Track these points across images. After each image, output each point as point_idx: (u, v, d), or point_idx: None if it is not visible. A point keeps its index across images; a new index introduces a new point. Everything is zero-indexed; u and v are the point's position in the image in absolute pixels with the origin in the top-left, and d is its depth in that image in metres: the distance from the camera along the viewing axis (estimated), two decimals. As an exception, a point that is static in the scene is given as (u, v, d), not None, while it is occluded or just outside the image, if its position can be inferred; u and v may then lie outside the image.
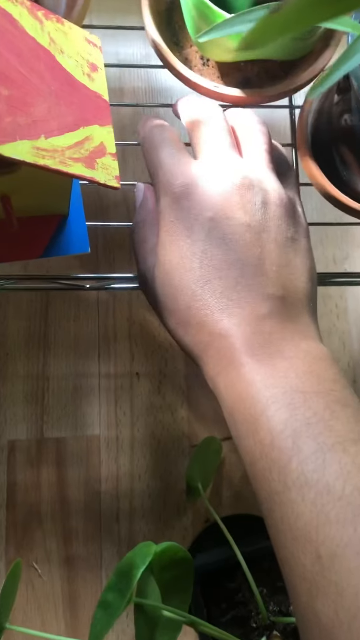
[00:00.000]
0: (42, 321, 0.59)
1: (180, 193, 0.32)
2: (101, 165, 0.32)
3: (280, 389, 0.28)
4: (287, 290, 0.31)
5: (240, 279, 0.30)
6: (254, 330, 0.30)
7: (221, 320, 0.30)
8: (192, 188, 0.32)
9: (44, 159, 0.29)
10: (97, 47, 0.35)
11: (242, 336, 0.30)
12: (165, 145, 0.34)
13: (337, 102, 0.38)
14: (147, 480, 0.57)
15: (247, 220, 0.31)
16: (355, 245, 0.64)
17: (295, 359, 0.29)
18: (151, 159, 0.35)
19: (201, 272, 0.31)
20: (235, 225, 0.31)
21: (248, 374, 0.29)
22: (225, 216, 0.31)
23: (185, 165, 0.33)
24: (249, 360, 0.29)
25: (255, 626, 0.46)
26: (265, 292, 0.30)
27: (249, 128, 0.35)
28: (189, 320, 0.31)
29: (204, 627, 0.32)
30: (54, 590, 0.55)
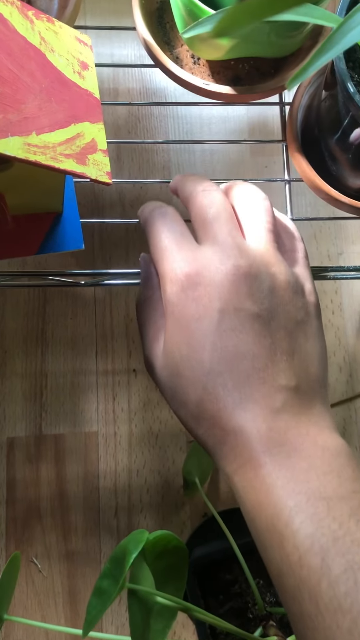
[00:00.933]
0: (40, 319, 0.60)
1: (187, 283, 0.31)
2: (92, 161, 0.33)
3: (303, 495, 0.27)
4: (299, 379, 0.30)
5: (252, 372, 0.29)
6: (269, 427, 0.29)
7: (235, 415, 0.29)
8: (198, 278, 0.31)
9: (35, 155, 0.30)
10: (88, 46, 0.36)
11: (257, 433, 0.29)
12: (168, 229, 0.33)
13: (325, 98, 0.38)
14: (145, 476, 0.58)
15: (256, 309, 0.30)
16: (349, 241, 0.65)
17: (314, 458, 0.28)
18: (154, 245, 0.33)
19: (211, 365, 0.30)
20: (245, 316, 0.30)
21: (267, 478, 0.28)
22: (234, 307, 0.30)
23: (189, 252, 0.32)
24: (267, 461, 0.28)
25: (252, 617, 0.46)
26: (278, 383, 0.30)
27: (250, 205, 0.34)
28: (200, 414, 0.30)
29: (198, 613, 0.32)
30: (54, 585, 0.55)
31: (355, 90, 0.33)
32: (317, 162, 0.42)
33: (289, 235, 0.36)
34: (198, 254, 0.31)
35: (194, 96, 0.44)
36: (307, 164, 0.42)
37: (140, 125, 0.64)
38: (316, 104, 0.41)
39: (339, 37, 0.21)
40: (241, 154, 0.64)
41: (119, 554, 0.30)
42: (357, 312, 0.63)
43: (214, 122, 0.65)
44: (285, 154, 0.45)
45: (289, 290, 0.32)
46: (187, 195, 0.34)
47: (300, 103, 0.43)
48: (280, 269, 0.32)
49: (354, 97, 0.32)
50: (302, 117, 0.43)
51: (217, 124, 0.65)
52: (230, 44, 0.39)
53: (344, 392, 0.62)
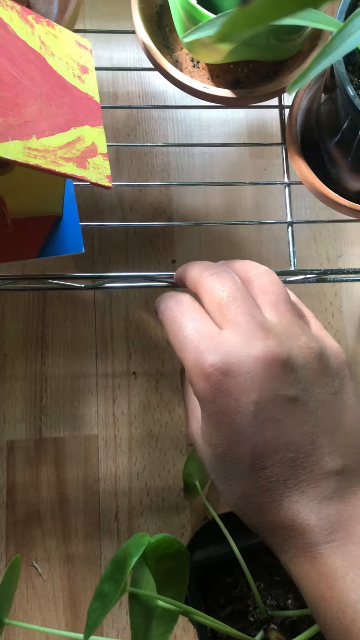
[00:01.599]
0: (39, 322, 0.60)
1: (215, 376, 0.28)
2: (92, 164, 0.33)
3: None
4: (345, 457, 0.29)
5: (296, 462, 0.28)
6: (319, 516, 0.28)
7: (282, 508, 0.28)
8: (226, 367, 0.28)
9: (35, 159, 0.30)
10: (88, 50, 0.36)
11: (308, 525, 0.28)
12: (186, 318, 0.31)
13: (324, 101, 0.39)
14: (145, 479, 0.58)
15: (293, 393, 0.28)
16: (349, 244, 0.65)
17: None
18: (174, 337, 0.31)
19: (252, 461, 0.28)
20: (282, 403, 0.28)
21: (325, 569, 0.27)
22: (270, 396, 0.28)
23: (212, 339, 0.29)
24: (322, 552, 0.27)
25: (253, 620, 0.46)
26: (325, 469, 0.28)
27: (260, 279, 0.32)
28: (245, 507, 0.29)
29: (199, 617, 0.32)
30: (54, 589, 0.55)
31: (354, 93, 0.33)
32: (316, 165, 0.42)
33: (296, 303, 0.34)
34: (221, 340, 0.29)
35: (194, 99, 0.44)
36: (307, 166, 0.42)
37: (139, 129, 0.64)
38: (315, 107, 0.41)
39: (339, 41, 0.21)
40: (240, 157, 0.64)
41: (120, 558, 0.30)
42: (356, 315, 0.63)
43: (213, 125, 0.65)
44: (285, 156, 0.45)
45: (321, 359, 0.30)
46: (195, 282, 0.33)
47: (299, 106, 0.43)
48: (308, 339, 0.30)
49: (354, 101, 0.33)
50: (302, 120, 0.43)
51: (217, 127, 0.65)
52: (230, 48, 0.39)
53: (344, 394, 0.62)
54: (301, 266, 0.62)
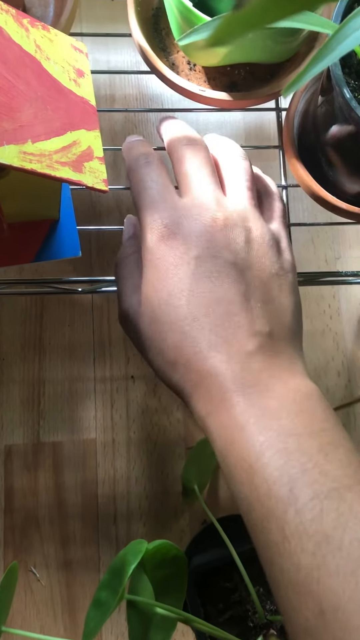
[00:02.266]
0: (37, 326, 0.59)
1: (166, 232, 0.32)
2: (89, 168, 0.33)
3: (273, 432, 0.27)
4: (273, 325, 0.31)
5: (227, 316, 0.30)
6: (242, 368, 0.30)
7: (210, 357, 0.30)
8: (177, 227, 0.32)
9: (31, 163, 0.29)
10: (84, 54, 0.36)
11: (231, 374, 0.29)
12: (151, 179, 0.34)
13: (321, 103, 0.38)
14: (143, 483, 0.57)
15: (232, 258, 0.31)
16: (347, 246, 0.65)
17: (285, 398, 0.29)
18: (137, 191, 0.34)
19: (189, 309, 0.31)
20: (221, 263, 0.31)
21: (240, 416, 0.28)
22: (210, 255, 0.31)
23: (170, 203, 0.33)
24: (240, 401, 0.29)
25: (252, 625, 0.46)
26: (252, 328, 0.31)
27: (231, 163, 0.35)
28: (177, 358, 0.31)
29: (197, 624, 0.32)
30: (53, 595, 0.55)
31: (351, 95, 0.33)
32: (313, 167, 0.42)
33: (268, 194, 0.37)
34: (179, 205, 0.33)
35: (191, 102, 0.44)
36: (304, 169, 0.41)
37: (136, 132, 0.64)
38: (312, 110, 0.41)
39: (335, 44, 0.21)
40: (238, 160, 0.64)
41: (118, 565, 0.29)
42: (355, 317, 0.63)
43: (211, 128, 0.65)
44: (282, 159, 0.45)
45: (265, 244, 0.33)
46: (170, 146, 0.35)
47: (296, 109, 0.43)
48: (256, 225, 0.33)
49: (350, 103, 0.32)
50: (299, 122, 0.43)
51: (214, 130, 0.65)
52: (226, 50, 0.39)
53: (343, 397, 0.62)
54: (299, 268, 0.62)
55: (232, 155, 0.36)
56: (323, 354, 0.62)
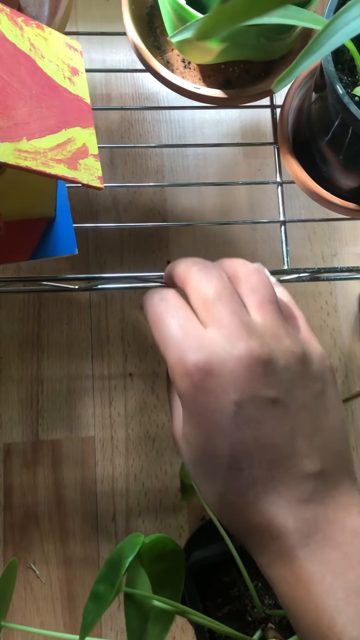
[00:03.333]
0: (35, 324, 0.60)
1: (197, 375, 0.28)
2: (84, 166, 0.33)
3: (341, 592, 0.26)
4: (324, 461, 0.29)
5: (274, 463, 0.28)
6: (296, 518, 0.28)
7: (259, 510, 0.28)
8: (208, 367, 0.28)
9: (26, 161, 0.30)
10: (78, 52, 0.36)
11: (285, 527, 0.28)
12: (170, 315, 0.31)
13: (315, 100, 0.39)
14: (142, 480, 0.58)
15: (274, 394, 0.28)
16: (343, 243, 0.65)
17: (346, 545, 0.28)
18: (158, 334, 0.31)
19: (231, 460, 0.28)
20: (262, 404, 0.28)
21: (303, 573, 0.27)
22: (251, 396, 0.28)
23: (196, 338, 0.29)
24: (299, 555, 0.27)
25: (251, 620, 0.46)
26: (303, 471, 0.28)
27: (248, 279, 0.32)
28: (222, 507, 0.29)
29: (195, 616, 0.32)
30: (53, 591, 0.55)
31: (344, 91, 0.33)
32: (308, 163, 0.42)
33: (286, 304, 0.34)
34: (205, 340, 0.29)
35: (186, 100, 0.44)
36: (299, 165, 0.42)
37: (133, 130, 0.65)
38: (306, 106, 0.41)
39: (325, 39, 0.21)
40: (234, 157, 0.64)
41: (115, 558, 0.30)
42: (351, 313, 0.63)
43: (207, 126, 0.65)
44: (277, 156, 0.45)
45: (304, 362, 0.30)
46: (182, 278, 0.32)
47: (290, 105, 0.43)
48: (292, 341, 0.30)
49: (343, 99, 0.33)
50: (293, 119, 0.43)
51: (210, 128, 0.65)
52: (220, 48, 0.39)
53: (340, 392, 0.62)
54: (296, 265, 0.63)
55: (247, 270, 0.32)
56: (320, 350, 0.62)
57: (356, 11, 0.22)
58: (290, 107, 0.43)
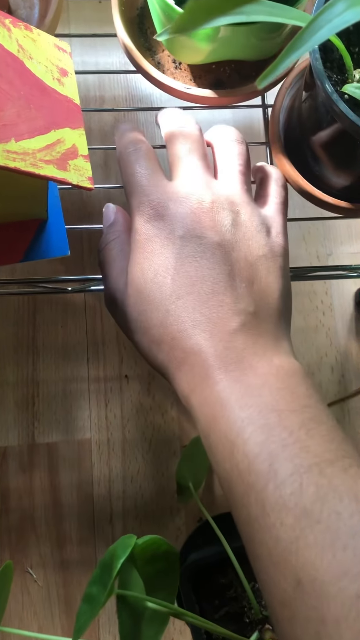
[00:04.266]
0: (30, 327, 0.59)
1: (154, 213, 0.33)
2: (73, 166, 0.33)
3: (255, 408, 0.27)
4: (258, 306, 0.32)
5: (211, 295, 0.31)
6: (226, 346, 0.30)
7: (194, 335, 0.30)
8: (165, 208, 0.33)
9: (14, 162, 0.30)
10: (67, 53, 0.36)
11: (214, 352, 0.30)
12: (141, 163, 0.35)
13: (305, 99, 0.39)
14: (139, 482, 0.58)
15: (217, 239, 0.32)
16: (338, 242, 0.65)
17: (268, 375, 0.29)
18: (127, 177, 0.35)
19: (173, 287, 0.31)
20: (206, 244, 0.32)
21: (222, 393, 0.29)
22: (195, 235, 0.32)
23: (159, 186, 0.34)
24: (223, 378, 0.29)
25: (248, 621, 0.46)
26: (236, 307, 0.31)
27: (225, 147, 0.36)
28: (162, 337, 0.31)
29: (189, 617, 0.32)
30: (50, 595, 0.55)
31: (333, 89, 0.33)
32: (300, 162, 0.42)
33: (266, 180, 0.37)
34: (167, 188, 0.33)
35: (179, 101, 0.44)
36: (291, 165, 0.42)
37: (126, 132, 0.64)
38: (297, 105, 0.41)
39: (308, 35, 0.21)
40: (228, 158, 0.64)
41: (108, 560, 0.30)
42: (347, 312, 0.63)
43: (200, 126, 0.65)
44: (269, 155, 0.45)
45: (252, 228, 0.33)
46: (166, 131, 0.36)
47: (282, 105, 0.43)
48: (245, 209, 0.33)
49: (332, 97, 0.33)
50: (284, 118, 0.43)
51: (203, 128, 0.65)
52: (210, 48, 0.39)
53: (337, 392, 0.62)
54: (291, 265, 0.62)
55: (226, 140, 0.36)
56: (316, 350, 0.62)
57: (340, 7, 0.22)
58: (282, 106, 0.43)
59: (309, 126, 0.39)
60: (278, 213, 0.36)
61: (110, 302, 0.35)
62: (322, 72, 0.33)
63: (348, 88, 0.33)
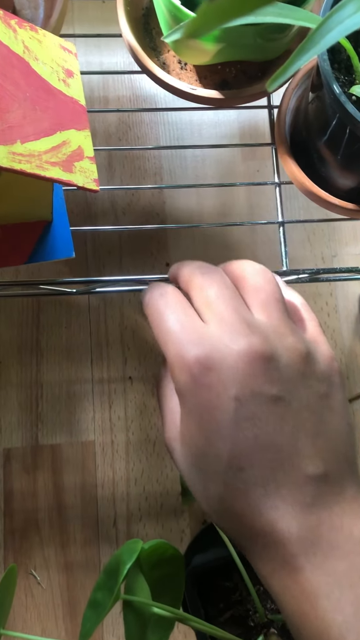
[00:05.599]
0: (34, 329, 0.59)
1: (197, 369, 0.28)
2: (79, 168, 0.33)
3: (349, 607, 0.25)
4: (328, 463, 0.28)
5: (275, 464, 0.27)
6: (300, 524, 0.27)
7: (262, 514, 0.27)
8: (208, 362, 0.28)
9: (20, 164, 0.29)
10: (73, 54, 0.36)
11: (288, 533, 0.26)
12: (170, 309, 0.30)
13: (312, 100, 0.38)
14: (143, 484, 0.57)
15: (275, 391, 0.27)
16: (343, 243, 0.64)
17: (353, 554, 0.26)
18: (157, 328, 0.30)
19: (230, 460, 0.27)
20: (264, 401, 0.27)
21: (308, 585, 0.26)
22: (252, 392, 0.27)
23: (196, 333, 0.28)
24: (304, 565, 0.26)
25: (253, 625, 0.46)
26: (306, 473, 0.27)
27: (252, 279, 0.31)
28: (223, 511, 0.28)
29: (194, 623, 0.32)
30: (54, 597, 0.55)
31: (340, 91, 0.33)
32: (306, 164, 0.42)
33: (301, 307, 0.34)
34: (205, 334, 0.28)
35: (184, 102, 0.44)
36: (297, 166, 0.41)
37: (131, 132, 0.64)
38: (304, 106, 0.40)
39: (319, 37, 0.21)
40: (232, 159, 0.64)
41: (113, 565, 0.29)
42: (352, 314, 0.63)
43: (205, 127, 0.65)
44: (275, 157, 0.45)
45: (308, 361, 0.29)
46: (186, 281, 0.32)
47: (288, 106, 0.43)
48: (296, 339, 0.29)
49: (340, 98, 0.32)
50: (291, 119, 0.43)
51: (208, 129, 0.65)
52: (217, 48, 0.39)
53: (342, 394, 0.61)
54: (296, 266, 0.62)
55: (251, 270, 0.32)
56: (321, 352, 0.62)
57: (351, 8, 0.21)
58: (288, 107, 0.43)
59: (316, 127, 0.39)
60: (320, 333, 0.32)
61: (167, 447, 0.31)
62: (330, 73, 0.33)
63: (356, 89, 0.33)
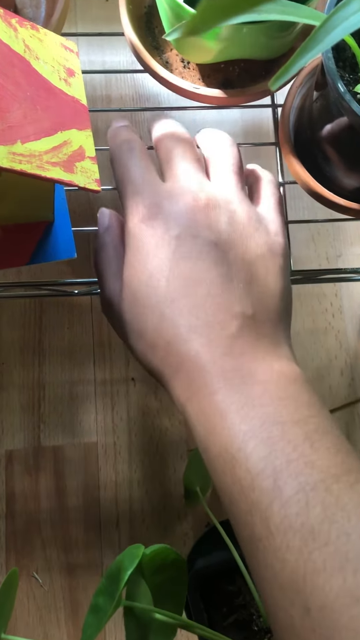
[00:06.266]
0: (36, 329, 0.59)
1: (147, 213, 0.32)
2: (80, 168, 0.32)
3: (257, 420, 0.26)
4: (257, 308, 0.30)
5: (207, 297, 0.30)
6: (224, 352, 0.29)
7: (190, 340, 0.29)
8: (157, 209, 0.32)
9: (20, 164, 0.29)
10: (74, 53, 0.35)
11: (211, 358, 0.29)
12: (134, 164, 0.34)
13: (316, 98, 0.38)
14: (146, 486, 0.57)
15: (213, 238, 0.31)
16: (348, 243, 0.64)
17: (269, 383, 0.28)
18: (120, 176, 0.35)
19: (169, 291, 0.30)
20: (202, 243, 0.31)
21: (221, 403, 0.27)
22: (191, 234, 0.31)
23: (152, 187, 0.33)
24: (221, 386, 0.28)
25: (257, 629, 0.45)
26: (234, 310, 0.30)
27: (217, 150, 0.36)
28: (157, 341, 0.30)
29: (197, 629, 0.31)
30: (56, 600, 0.54)
31: (345, 89, 0.32)
32: (310, 163, 0.41)
33: (258, 180, 0.37)
34: (161, 188, 0.33)
35: (187, 101, 0.43)
36: (301, 166, 0.41)
37: (133, 132, 0.64)
38: (308, 105, 0.40)
39: (323, 34, 0.21)
40: (236, 158, 0.63)
41: (115, 571, 0.29)
42: (357, 315, 0.62)
43: (208, 126, 0.65)
44: (279, 156, 0.45)
45: (250, 226, 0.32)
46: (157, 139, 0.36)
47: (292, 105, 0.42)
48: (241, 207, 0.33)
49: (345, 97, 0.32)
50: (295, 118, 0.42)
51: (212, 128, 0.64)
52: (220, 47, 0.38)
53: (346, 395, 0.61)
54: (300, 267, 0.62)
55: (217, 143, 0.36)
56: (326, 353, 0.61)
57: (356, 5, 0.21)
58: (292, 106, 0.42)
59: (320, 126, 0.38)
60: (275, 212, 0.35)
61: (106, 305, 0.34)
62: (335, 71, 0.32)
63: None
